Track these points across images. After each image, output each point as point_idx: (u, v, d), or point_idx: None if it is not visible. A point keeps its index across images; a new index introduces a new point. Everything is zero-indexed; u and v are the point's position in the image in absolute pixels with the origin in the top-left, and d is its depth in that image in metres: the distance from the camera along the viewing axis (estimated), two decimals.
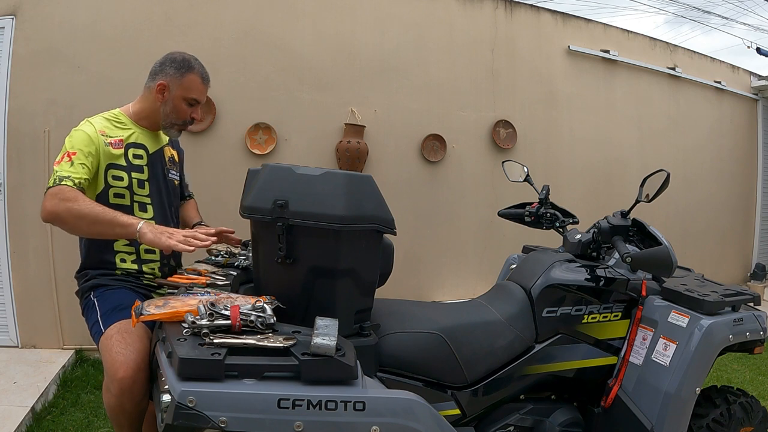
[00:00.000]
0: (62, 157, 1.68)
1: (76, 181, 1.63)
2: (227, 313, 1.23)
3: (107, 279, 1.76)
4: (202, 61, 1.89)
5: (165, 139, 1.97)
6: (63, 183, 1.61)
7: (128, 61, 3.33)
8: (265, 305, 1.28)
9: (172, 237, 1.53)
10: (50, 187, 1.62)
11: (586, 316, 1.76)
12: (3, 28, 3.27)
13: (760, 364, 3.77)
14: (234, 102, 3.62)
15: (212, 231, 1.79)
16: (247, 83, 3.66)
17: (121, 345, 1.49)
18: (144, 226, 1.57)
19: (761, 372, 3.66)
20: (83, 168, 1.66)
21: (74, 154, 1.67)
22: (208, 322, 1.21)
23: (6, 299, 3.32)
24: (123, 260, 1.78)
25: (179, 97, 1.81)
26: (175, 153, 2.02)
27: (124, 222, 1.57)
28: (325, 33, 3.85)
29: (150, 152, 1.86)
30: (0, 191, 3.30)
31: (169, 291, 1.55)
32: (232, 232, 1.91)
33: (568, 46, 4.69)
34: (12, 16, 3.28)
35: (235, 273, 1.71)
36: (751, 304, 1.84)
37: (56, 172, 1.65)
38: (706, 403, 1.81)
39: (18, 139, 3.28)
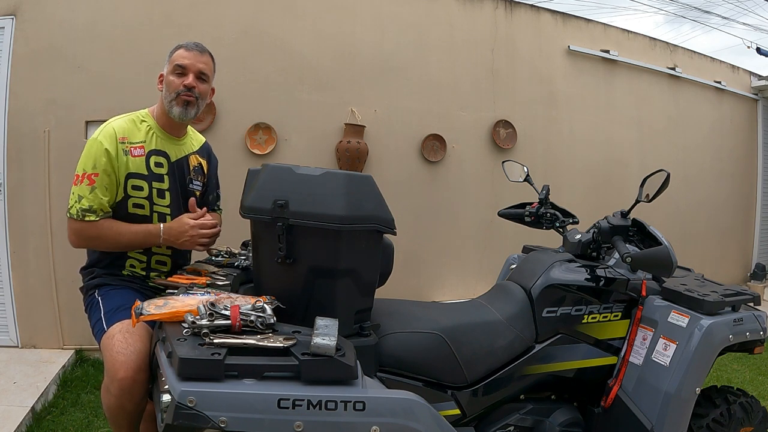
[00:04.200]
0: (82, 177, 1.65)
1: (99, 213, 1.65)
2: (227, 313, 1.23)
3: (113, 278, 1.76)
4: None
5: (190, 147, 1.92)
6: (86, 218, 1.63)
7: (128, 61, 3.33)
8: (265, 305, 1.28)
9: (192, 239, 1.72)
10: (72, 217, 1.65)
11: (586, 316, 1.76)
12: (3, 28, 3.27)
13: (760, 364, 3.77)
14: (234, 102, 3.62)
15: (209, 223, 1.76)
16: (247, 83, 3.66)
17: (122, 345, 1.49)
18: (164, 239, 1.72)
19: (761, 372, 3.66)
20: (105, 191, 1.66)
21: (96, 175, 1.65)
22: (208, 322, 1.21)
23: (6, 299, 3.32)
24: (133, 266, 1.79)
25: (168, 74, 1.78)
26: (204, 162, 1.96)
27: (149, 244, 1.73)
28: (325, 33, 3.85)
29: (171, 160, 1.81)
30: (0, 191, 3.30)
31: (169, 291, 1.55)
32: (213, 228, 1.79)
33: (568, 46, 4.69)
34: (12, 16, 3.27)
35: (235, 273, 1.71)
36: (751, 304, 1.84)
37: (77, 198, 1.64)
38: (706, 403, 1.81)
39: (18, 139, 3.28)
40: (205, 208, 1.82)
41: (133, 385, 1.45)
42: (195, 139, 1.98)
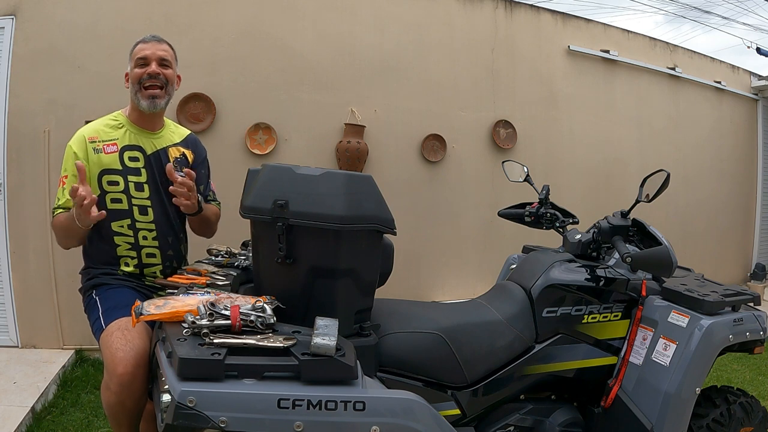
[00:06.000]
0: (59, 181, 1.78)
1: (63, 210, 1.75)
2: (227, 313, 1.23)
3: (110, 278, 1.77)
4: (202, 62, 1.89)
5: (169, 139, 1.93)
6: (56, 214, 1.75)
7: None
8: (265, 305, 1.28)
9: (80, 212, 1.56)
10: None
11: (586, 316, 1.76)
12: (3, 28, 3.27)
13: (760, 364, 3.77)
14: (234, 102, 3.62)
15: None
16: (247, 83, 3.66)
17: (121, 341, 1.50)
18: (75, 215, 1.63)
19: (761, 372, 3.66)
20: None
21: (66, 178, 1.76)
22: (208, 322, 1.21)
23: (6, 299, 3.32)
24: (126, 264, 1.80)
25: (132, 69, 1.83)
26: (188, 152, 1.95)
27: (72, 225, 1.65)
28: (325, 33, 3.85)
29: (147, 153, 1.83)
30: (0, 191, 3.30)
31: (169, 291, 1.55)
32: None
33: (568, 46, 4.69)
34: (12, 16, 3.27)
35: (235, 273, 1.71)
36: (751, 304, 1.84)
37: (56, 201, 1.77)
38: (706, 403, 1.80)
39: (18, 139, 3.28)
40: (169, 165, 1.76)
41: (132, 381, 1.46)
42: (176, 132, 1.98)
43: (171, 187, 1.72)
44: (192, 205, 1.76)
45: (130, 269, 1.79)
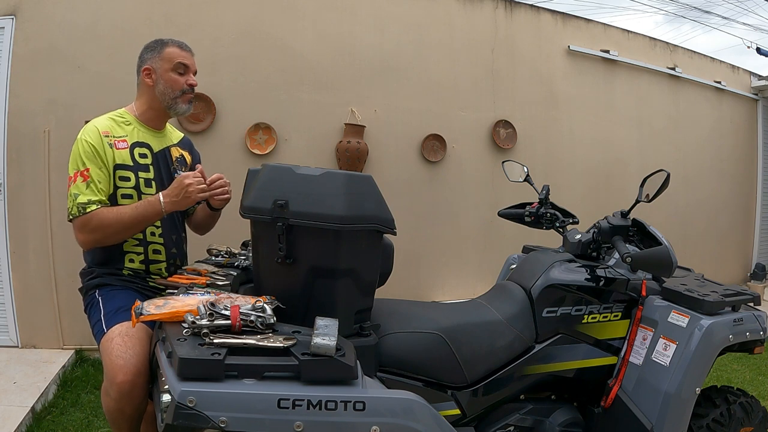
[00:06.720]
0: (75, 176, 1.69)
1: (98, 204, 1.68)
2: (227, 313, 1.23)
3: (114, 279, 1.76)
4: (203, 62, 1.90)
5: (172, 138, 1.96)
6: (87, 210, 1.66)
7: (128, 61, 3.25)
8: (265, 305, 1.28)
9: (191, 194, 1.70)
10: (76, 216, 1.67)
11: (586, 316, 1.76)
12: (3, 28, 3.27)
13: (760, 364, 3.77)
14: (234, 102, 3.62)
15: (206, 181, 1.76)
16: (247, 83, 3.66)
17: (121, 348, 1.49)
18: (165, 203, 1.69)
19: (761, 372, 3.66)
20: (100, 184, 1.70)
21: (88, 170, 1.69)
22: (208, 322, 1.21)
23: (6, 299, 3.32)
24: (132, 260, 1.78)
25: (167, 71, 1.83)
26: (186, 153, 1.99)
27: (150, 214, 1.69)
28: (325, 33, 3.85)
29: (154, 151, 1.85)
30: (0, 191, 3.30)
31: (169, 291, 1.55)
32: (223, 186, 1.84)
33: (568, 46, 4.69)
34: (12, 16, 3.27)
35: (235, 273, 1.71)
36: (751, 304, 1.84)
37: (74, 196, 1.67)
38: (706, 403, 1.81)
39: (18, 139, 3.28)
40: (200, 166, 1.86)
41: (132, 389, 1.45)
42: (173, 133, 2.02)
43: (217, 183, 1.79)
44: (229, 198, 1.84)
45: (135, 265, 1.78)
